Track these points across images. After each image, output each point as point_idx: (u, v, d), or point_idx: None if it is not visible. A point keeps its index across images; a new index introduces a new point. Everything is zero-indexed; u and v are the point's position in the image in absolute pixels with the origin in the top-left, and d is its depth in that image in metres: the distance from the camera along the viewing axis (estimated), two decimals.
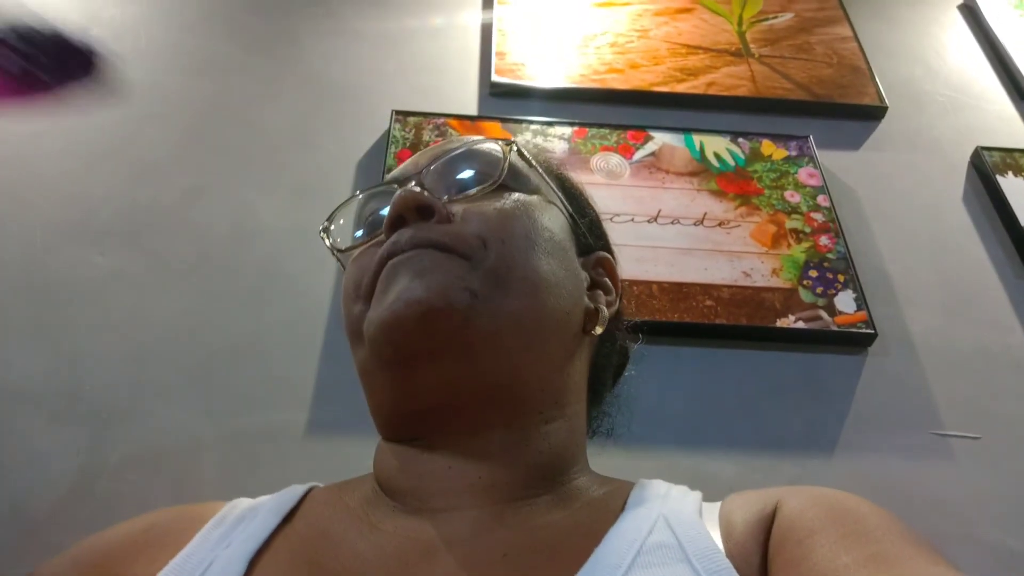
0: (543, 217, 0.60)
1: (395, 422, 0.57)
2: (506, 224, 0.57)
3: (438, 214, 0.56)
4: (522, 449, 0.55)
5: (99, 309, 1.03)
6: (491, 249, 0.55)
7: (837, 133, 1.35)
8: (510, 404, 0.55)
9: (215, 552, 0.52)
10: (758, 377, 1.04)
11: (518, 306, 0.54)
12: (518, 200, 0.60)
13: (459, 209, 0.58)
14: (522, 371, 0.55)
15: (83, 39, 0.57)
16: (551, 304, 0.56)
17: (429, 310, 0.51)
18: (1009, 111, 1.44)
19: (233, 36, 1.39)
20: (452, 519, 0.51)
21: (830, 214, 1.19)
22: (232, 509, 0.58)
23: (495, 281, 0.54)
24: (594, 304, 0.63)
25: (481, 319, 0.52)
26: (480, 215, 0.57)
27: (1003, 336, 1.11)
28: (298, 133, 1.25)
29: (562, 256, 0.60)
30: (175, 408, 0.96)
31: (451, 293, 0.52)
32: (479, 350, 0.53)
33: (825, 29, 1.52)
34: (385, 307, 0.52)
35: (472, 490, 0.53)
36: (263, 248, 1.10)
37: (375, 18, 1.45)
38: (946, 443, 1.00)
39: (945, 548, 0.92)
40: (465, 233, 0.55)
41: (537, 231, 0.58)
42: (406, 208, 0.56)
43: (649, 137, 1.28)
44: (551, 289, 0.57)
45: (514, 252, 0.55)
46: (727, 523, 0.51)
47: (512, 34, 1.42)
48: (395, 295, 0.52)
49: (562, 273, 0.59)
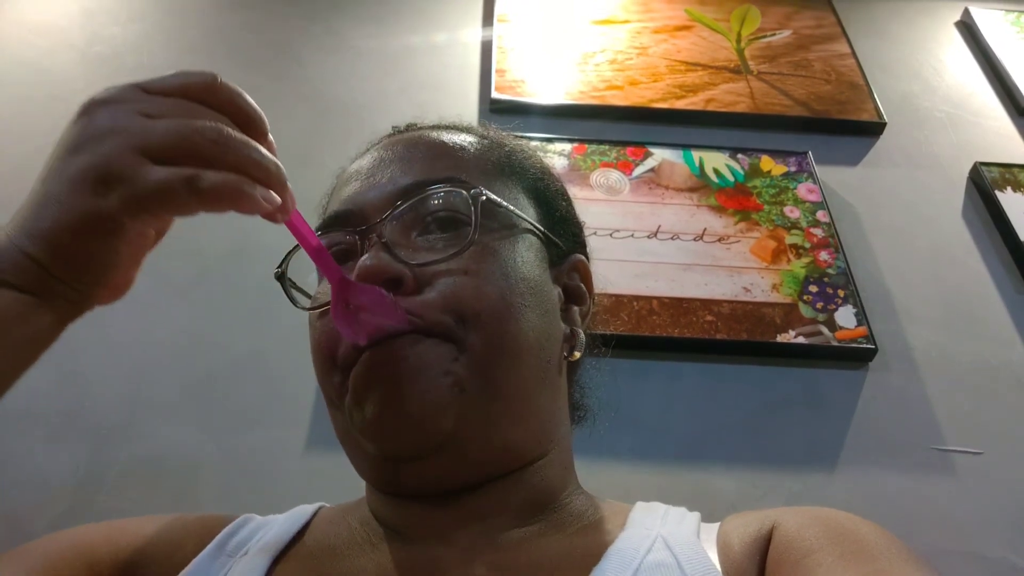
0: (516, 261, 0.56)
1: (380, 490, 0.57)
2: (480, 295, 0.53)
3: (406, 285, 0.52)
4: (517, 488, 0.55)
5: (99, 326, 1.03)
6: (469, 326, 0.51)
7: (836, 149, 1.36)
8: (502, 462, 0.55)
9: (233, 559, 0.53)
10: (759, 392, 1.04)
11: (505, 380, 0.52)
12: (489, 251, 0.55)
13: (427, 273, 0.53)
14: (513, 434, 0.54)
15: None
16: (535, 361, 0.55)
17: (422, 423, 0.50)
18: (1007, 127, 1.45)
19: (234, 55, 1.40)
20: (451, 544, 0.52)
21: (830, 229, 1.19)
22: (245, 522, 0.58)
23: (481, 367, 0.51)
24: (569, 327, 0.60)
25: (472, 414, 0.51)
26: (450, 284, 0.52)
27: (1004, 351, 1.11)
28: (299, 150, 1.26)
29: (539, 295, 0.57)
30: (175, 425, 0.95)
31: (441, 397, 0.50)
32: (470, 441, 0.51)
33: (823, 46, 1.53)
34: (368, 422, 0.51)
35: (465, 525, 0.53)
36: (263, 266, 1.10)
37: (376, 36, 1.46)
38: (947, 458, 0.99)
39: (947, 564, 0.92)
40: (438, 307, 0.51)
41: (513, 286, 0.54)
42: (375, 281, 0.51)
43: (648, 153, 1.28)
44: (533, 346, 0.54)
45: (493, 324, 0.52)
46: (725, 543, 0.51)
47: (512, 51, 1.43)
48: (377, 410, 0.50)
49: (541, 320, 0.56)
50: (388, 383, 0.50)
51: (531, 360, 0.54)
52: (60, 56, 1.34)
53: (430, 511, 0.54)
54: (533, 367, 0.55)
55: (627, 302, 1.07)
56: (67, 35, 1.38)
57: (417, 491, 0.54)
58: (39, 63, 1.33)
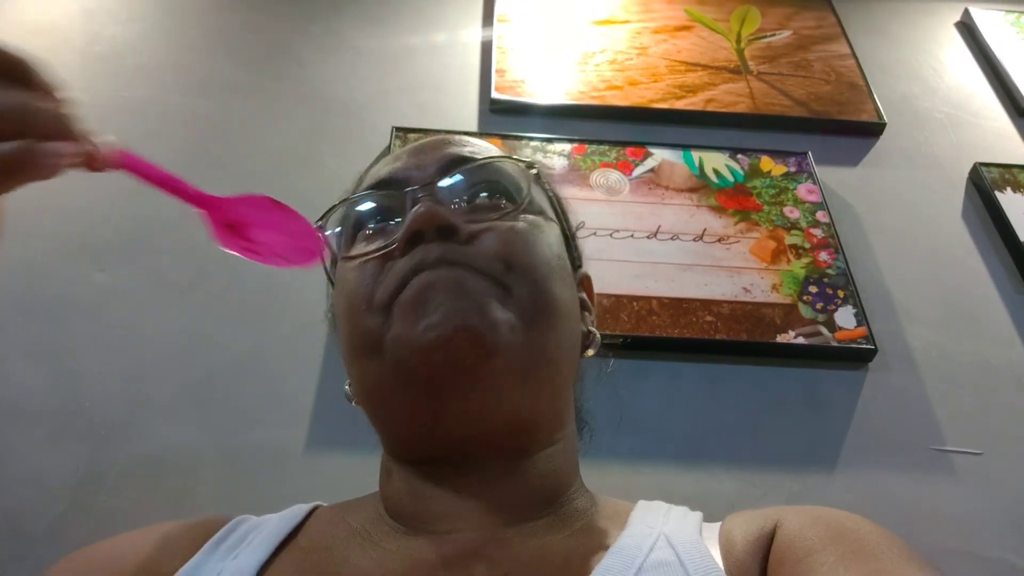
0: (554, 241, 0.60)
1: (411, 444, 0.57)
2: (529, 250, 0.55)
3: (460, 234, 0.54)
4: (527, 473, 0.55)
5: (99, 325, 1.03)
6: (518, 275, 0.53)
7: (836, 149, 1.36)
8: (525, 433, 0.55)
9: (223, 563, 0.53)
10: (758, 393, 1.04)
11: (544, 340, 0.53)
12: (534, 223, 0.58)
13: (476, 229, 0.55)
14: (540, 402, 0.55)
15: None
16: (568, 334, 0.56)
17: (476, 337, 0.49)
18: (1007, 128, 1.45)
19: (234, 55, 1.39)
20: (454, 541, 0.51)
21: (829, 230, 1.19)
22: (238, 524, 0.58)
23: (528, 313, 0.52)
24: (586, 327, 0.63)
25: (516, 354, 0.51)
26: (501, 238, 0.55)
27: (1004, 351, 1.11)
28: (299, 150, 1.26)
29: (570, 282, 0.59)
30: (174, 424, 0.95)
31: (495, 320, 0.50)
32: (509, 384, 0.52)
33: (823, 46, 1.53)
34: (425, 328, 0.49)
35: (475, 513, 0.53)
36: (262, 265, 1.10)
37: (376, 36, 1.46)
38: (947, 459, 0.99)
39: (946, 564, 0.92)
40: (490, 255, 0.53)
41: (553, 257, 0.57)
42: (428, 226, 0.53)
43: (648, 153, 1.28)
44: (567, 318, 0.56)
45: (539, 280, 0.54)
46: (727, 542, 0.51)
47: (512, 51, 1.43)
48: (440, 316, 0.49)
49: (571, 301, 0.58)
50: (447, 296, 0.50)
51: (565, 331, 0.56)
52: (60, 56, 1.34)
53: (444, 492, 0.54)
54: (565, 339, 0.56)
55: (627, 302, 1.07)
56: (67, 35, 1.38)
57: (452, 432, 0.53)
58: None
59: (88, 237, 1.11)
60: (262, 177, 1.21)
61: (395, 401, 0.54)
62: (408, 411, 0.54)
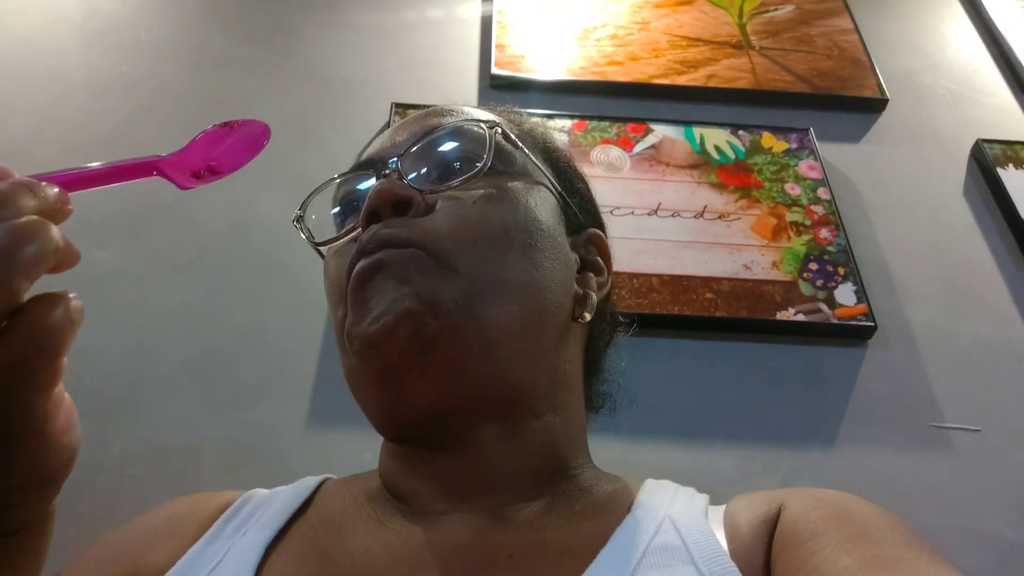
0: (529, 202, 0.58)
1: (389, 429, 0.57)
2: (485, 221, 0.54)
3: (415, 208, 0.54)
4: (516, 445, 0.55)
5: (99, 303, 1.02)
6: (466, 249, 0.53)
7: (837, 126, 1.35)
8: (499, 405, 0.54)
9: (232, 540, 0.53)
10: (758, 370, 1.04)
11: (500, 312, 0.52)
12: (501, 188, 0.57)
13: (438, 200, 0.55)
14: (511, 373, 0.54)
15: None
16: (537, 301, 0.55)
17: (419, 323, 0.49)
18: (1010, 103, 1.44)
19: (231, 29, 1.38)
20: (456, 521, 0.51)
21: (830, 207, 1.19)
22: (248, 499, 0.59)
23: (475, 286, 0.52)
24: (583, 289, 0.61)
25: (467, 330, 0.51)
26: (457, 213, 0.54)
27: (1003, 329, 1.11)
28: (297, 126, 1.25)
29: (550, 244, 0.58)
30: (175, 402, 0.96)
31: (435, 301, 0.50)
32: (466, 362, 0.52)
33: (825, 21, 1.51)
34: (371, 321, 0.50)
35: (472, 491, 0.53)
36: (263, 242, 1.10)
37: (374, 11, 1.45)
38: (946, 436, 1.00)
39: (945, 541, 0.92)
40: (439, 232, 0.53)
41: (519, 223, 0.56)
42: (381, 204, 0.54)
43: (649, 130, 1.27)
44: (535, 285, 0.55)
45: (490, 253, 0.53)
46: (732, 524, 0.51)
47: (512, 26, 1.41)
48: (384, 306, 0.50)
49: (549, 264, 0.57)
50: (386, 283, 0.51)
51: (532, 297, 0.55)
52: (57, 31, 1.33)
53: (436, 471, 0.54)
54: (535, 305, 0.55)
55: (627, 279, 1.07)
56: (64, 10, 1.37)
57: (420, 413, 0.53)
58: (36, 39, 1.32)
59: (88, 215, 1.11)
60: (261, 153, 1.20)
61: (364, 391, 0.56)
62: (376, 400, 0.55)
